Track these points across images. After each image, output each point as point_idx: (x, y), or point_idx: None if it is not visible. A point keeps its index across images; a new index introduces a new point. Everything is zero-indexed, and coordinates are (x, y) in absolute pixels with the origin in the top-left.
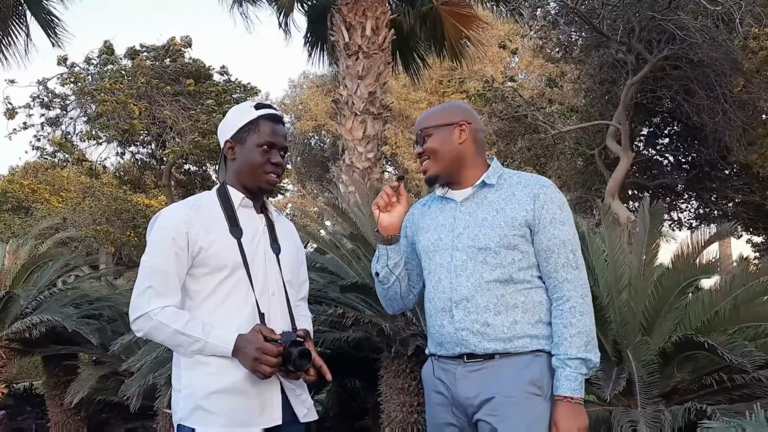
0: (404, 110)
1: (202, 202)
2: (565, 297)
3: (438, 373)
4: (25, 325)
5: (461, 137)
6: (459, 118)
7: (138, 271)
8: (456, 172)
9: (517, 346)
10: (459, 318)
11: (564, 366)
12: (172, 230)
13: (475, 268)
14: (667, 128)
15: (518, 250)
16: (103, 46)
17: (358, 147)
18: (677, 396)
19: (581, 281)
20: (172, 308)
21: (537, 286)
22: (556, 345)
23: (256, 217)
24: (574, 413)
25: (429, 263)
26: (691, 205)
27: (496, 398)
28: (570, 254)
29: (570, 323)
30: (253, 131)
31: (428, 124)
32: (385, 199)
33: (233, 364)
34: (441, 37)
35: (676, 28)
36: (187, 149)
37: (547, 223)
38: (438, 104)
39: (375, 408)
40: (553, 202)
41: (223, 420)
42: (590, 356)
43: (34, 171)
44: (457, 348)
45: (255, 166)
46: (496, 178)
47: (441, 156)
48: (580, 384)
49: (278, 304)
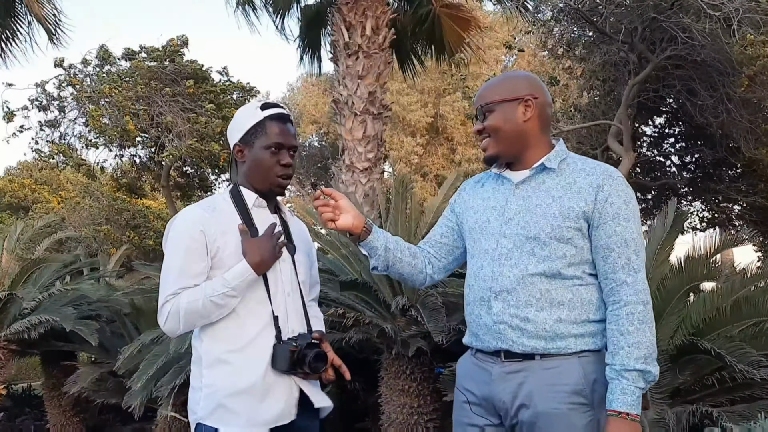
0: (398, 112)
1: (217, 204)
2: (623, 301)
3: (472, 370)
4: (24, 326)
5: (526, 114)
6: (525, 92)
7: (160, 277)
8: (518, 152)
9: (559, 347)
10: (497, 310)
11: (620, 378)
12: (188, 232)
13: (521, 258)
14: (670, 128)
15: (571, 244)
16: (100, 50)
17: (357, 147)
18: (680, 397)
19: (642, 286)
20: (184, 292)
21: (588, 283)
22: (611, 354)
23: (270, 217)
24: (631, 430)
25: (473, 246)
26: (695, 206)
27: (537, 411)
28: (632, 255)
29: (627, 331)
30: (261, 133)
31: (490, 98)
32: (328, 210)
33: (256, 363)
34: (440, 40)
35: (679, 29)
36: (185, 152)
37: (609, 219)
38: (435, 104)
39: (375, 409)
40: (619, 195)
41: (245, 420)
42: (650, 368)
43: (30, 171)
44: (495, 342)
45: (264, 168)
46: (558, 161)
47: (503, 135)
48: (637, 399)
49: (293, 304)
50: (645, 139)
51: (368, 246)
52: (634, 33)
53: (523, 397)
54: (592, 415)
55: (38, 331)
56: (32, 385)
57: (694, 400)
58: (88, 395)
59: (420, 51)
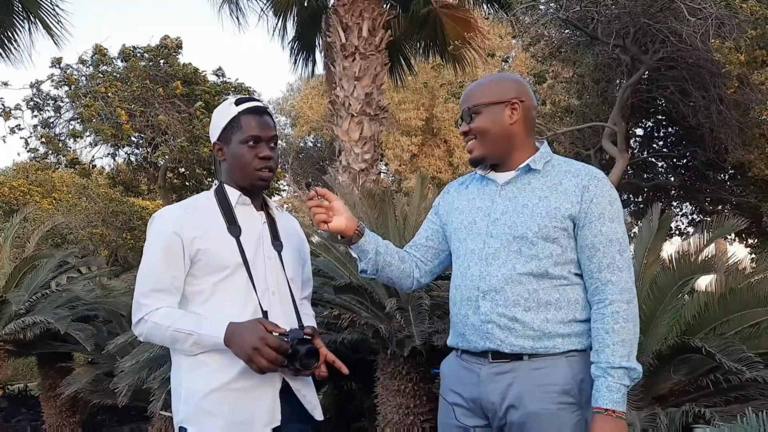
0: (392, 111)
1: (199, 203)
2: (608, 300)
3: (459, 372)
4: (19, 327)
5: (513, 117)
6: (512, 94)
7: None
8: (504, 154)
9: (547, 347)
10: (485, 310)
11: (606, 375)
12: (164, 233)
13: (508, 257)
14: (662, 129)
15: (557, 243)
16: (94, 50)
17: (354, 148)
18: (673, 398)
19: (627, 285)
20: (165, 308)
21: (574, 283)
22: (597, 352)
23: (255, 214)
24: (616, 428)
25: (459, 247)
26: (685, 207)
27: (526, 412)
28: (617, 254)
29: (613, 329)
30: (236, 128)
31: (477, 101)
32: (321, 211)
33: (232, 362)
34: (442, 40)
35: (669, 33)
36: (177, 154)
37: (595, 219)
38: (431, 104)
39: (371, 410)
40: (604, 196)
41: (222, 422)
42: (635, 365)
43: (24, 172)
44: (482, 342)
45: (244, 163)
46: (543, 163)
47: (490, 137)
48: (622, 396)
49: (280, 303)
50: (638, 140)
51: (359, 249)
52: (626, 36)
53: (512, 398)
54: (580, 414)
55: (33, 331)
56: (28, 385)
57: (688, 400)
58: (84, 396)
59: (421, 51)
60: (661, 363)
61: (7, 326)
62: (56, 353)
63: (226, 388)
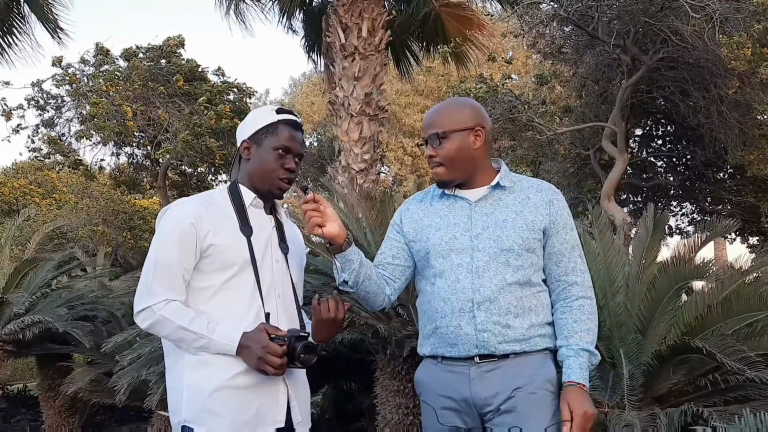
0: (396, 113)
1: (214, 199)
2: (575, 296)
3: (444, 377)
4: (19, 326)
5: (476, 143)
6: (475, 121)
7: (144, 264)
8: (469, 175)
9: (531, 345)
10: (481, 320)
11: (577, 356)
12: (180, 224)
13: (498, 269)
14: (662, 129)
15: (535, 253)
16: (96, 49)
17: (354, 148)
18: (672, 398)
19: (588, 284)
20: (177, 303)
21: (544, 289)
22: (566, 337)
23: (265, 217)
24: (587, 399)
25: (442, 263)
26: (685, 207)
27: (517, 398)
28: (578, 258)
29: (581, 319)
30: (271, 134)
31: (443, 127)
32: (317, 215)
33: (237, 362)
34: (444, 40)
35: (670, 32)
36: (181, 149)
37: (560, 228)
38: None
39: (371, 410)
40: (564, 208)
41: (228, 422)
42: (596, 353)
43: (25, 172)
44: (475, 349)
45: (269, 168)
46: (509, 180)
47: (458, 162)
48: (588, 375)
49: (284, 306)
50: (637, 140)
51: (345, 258)
52: (626, 36)
53: (503, 388)
54: (557, 402)
55: (33, 331)
56: (28, 385)
57: (687, 400)
58: (84, 396)
59: (421, 52)
60: (661, 363)
61: (7, 326)
62: (55, 353)
63: (232, 387)
